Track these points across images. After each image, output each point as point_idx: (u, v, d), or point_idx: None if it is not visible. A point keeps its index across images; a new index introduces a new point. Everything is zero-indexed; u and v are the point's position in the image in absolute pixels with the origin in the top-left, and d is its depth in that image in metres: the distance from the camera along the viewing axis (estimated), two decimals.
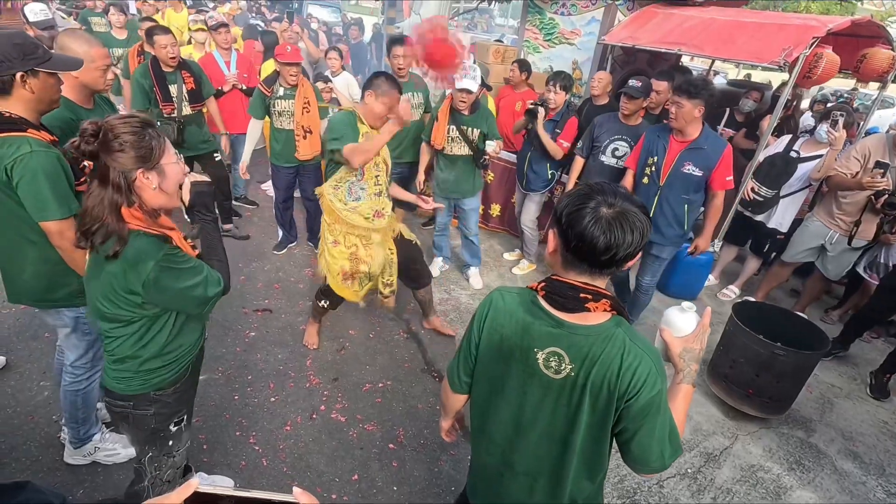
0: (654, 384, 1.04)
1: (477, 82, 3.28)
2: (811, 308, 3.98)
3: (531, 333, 1.12)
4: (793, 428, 2.88)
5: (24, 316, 2.98)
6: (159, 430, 1.56)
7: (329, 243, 2.71)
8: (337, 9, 17.77)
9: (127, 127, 1.25)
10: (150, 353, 1.44)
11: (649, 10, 4.68)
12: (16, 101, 1.61)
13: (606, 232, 0.99)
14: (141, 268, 1.28)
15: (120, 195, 1.26)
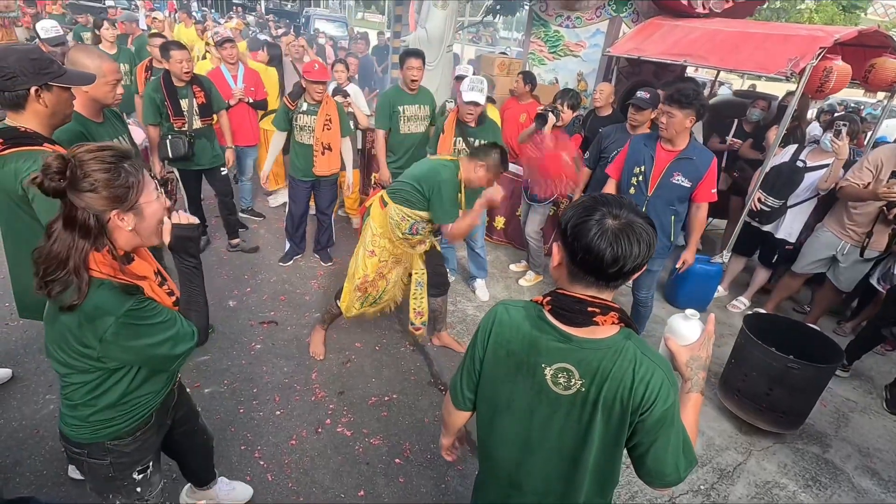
0: (667, 396, 1.02)
1: (484, 95, 3.30)
2: (823, 319, 3.91)
3: (538, 349, 1.09)
4: (808, 443, 2.82)
5: (31, 328, 2.99)
6: (120, 479, 1.42)
7: (367, 250, 2.76)
8: (343, 23, 18.05)
9: (98, 163, 1.10)
10: (104, 404, 1.29)
11: (654, 22, 4.70)
12: (30, 115, 1.63)
13: (613, 244, 0.98)
14: (98, 323, 1.13)
15: (88, 239, 1.11)
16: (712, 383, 3.14)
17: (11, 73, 1.55)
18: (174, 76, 3.59)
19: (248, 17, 18.06)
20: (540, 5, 5.45)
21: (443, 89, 5.58)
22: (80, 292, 1.10)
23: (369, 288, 2.83)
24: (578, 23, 5.19)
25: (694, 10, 4.59)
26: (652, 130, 3.23)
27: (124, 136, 2.23)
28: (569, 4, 5.16)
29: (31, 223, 1.66)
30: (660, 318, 3.92)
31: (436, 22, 5.54)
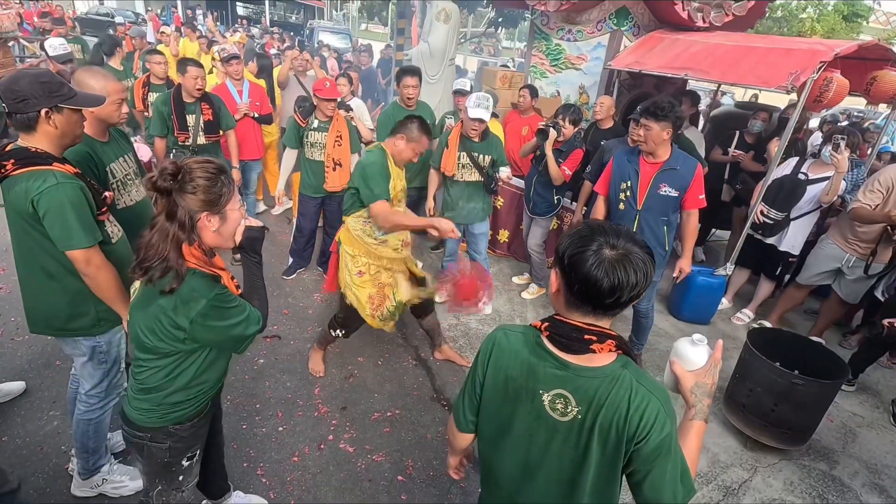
0: (662, 426, 1.02)
1: (489, 112, 3.34)
2: (829, 332, 3.89)
3: (537, 375, 1.10)
4: (814, 460, 2.79)
5: (36, 343, 3.00)
6: (172, 465, 1.56)
7: (354, 275, 2.72)
8: (347, 35, 18.25)
9: (203, 171, 1.33)
10: (176, 387, 1.46)
11: (654, 36, 4.73)
12: (41, 136, 1.67)
13: (610, 274, 0.98)
14: (192, 305, 1.32)
15: (184, 233, 1.32)
16: (717, 398, 3.12)
17: (23, 96, 1.59)
18: (185, 91, 3.65)
19: (253, 30, 18.31)
20: (541, 19, 5.50)
21: (445, 102, 5.63)
22: (178, 277, 1.30)
23: (385, 301, 2.80)
24: (580, 36, 5.23)
25: (694, 23, 4.63)
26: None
27: (129, 155, 2.26)
28: (570, 18, 5.21)
29: (41, 240, 1.69)
30: (663, 330, 3.91)
31: (438, 36, 5.60)
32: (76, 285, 1.78)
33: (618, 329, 1.54)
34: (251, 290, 1.58)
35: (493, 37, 21.81)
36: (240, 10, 29.80)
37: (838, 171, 3.36)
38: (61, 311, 1.84)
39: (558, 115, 3.69)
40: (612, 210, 3.05)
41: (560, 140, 3.67)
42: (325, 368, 3.09)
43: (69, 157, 1.83)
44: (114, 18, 16.56)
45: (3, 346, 2.97)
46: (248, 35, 14.56)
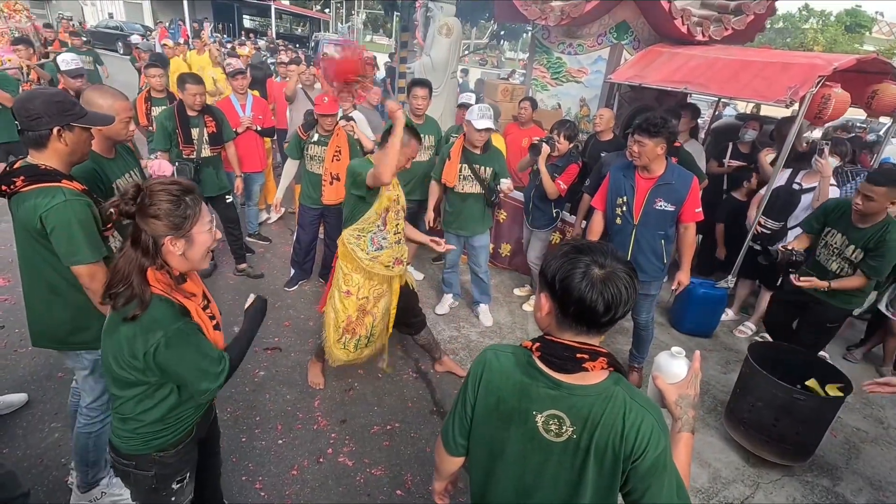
0: (658, 441, 1.02)
1: (493, 121, 3.37)
2: (831, 346, 3.86)
3: (529, 395, 1.10)
4: (817, 476, 2.76)
5: (39, 356, 3.03)
6: (160, 489, 1.53)
7: (342, 292, 2.72)
8: None
9: (166, 194, 1.28)
10: (152, 418, 1.41)
11: (654, 50, 4.77)
12: (51, 153, 1.72)
13: (605, 293, 1.00)
14: (150, 336, 1.26)
15: (147, 258, 1.28)
16: (718, 412, 3.10)
17: (36, 115, 1.65)
18: (187, 106, 3.71)
19: (260, 42, 18.55)
20: (542, 33, 5.56)
21: (447, 115, 5.67)
22: (142, 303, 1.26)
23: (357, 328, 2.77)
24: (580, 50, 5.28)
25: (694, 37, 4.67)
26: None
27: (135, 171, 2.29)
28: (571, 32, 5.27)
29: (47, 256, 1.74)
30: (665, 344, 3.90)
31: (440, 49, 5.66)
32: (79, 300, 1.81)
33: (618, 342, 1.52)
34: (236, 340, 1.54)
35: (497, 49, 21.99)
36: (246, 23, 30.26)
37: (823, 175, 3.45)
38: (64, 325, 1.87)
39: (554, 131, 3.72)
40: (609, 225, 3.06)
41: (555, 155, 3.70)
42: (325, 381, 3.09)
43: (76, 173, 1.87)
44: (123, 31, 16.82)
45: (6, 357, 2.99)
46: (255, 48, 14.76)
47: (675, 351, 1.24)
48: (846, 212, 2.84)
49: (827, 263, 2.92)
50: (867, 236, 2.71)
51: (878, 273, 2.70)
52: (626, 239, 2.92)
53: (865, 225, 2.75)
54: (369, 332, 2.82)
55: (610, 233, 3.05)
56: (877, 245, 2.68)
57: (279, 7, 27.53)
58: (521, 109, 4.66)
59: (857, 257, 2.77)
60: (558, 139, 3.65)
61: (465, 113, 4.51)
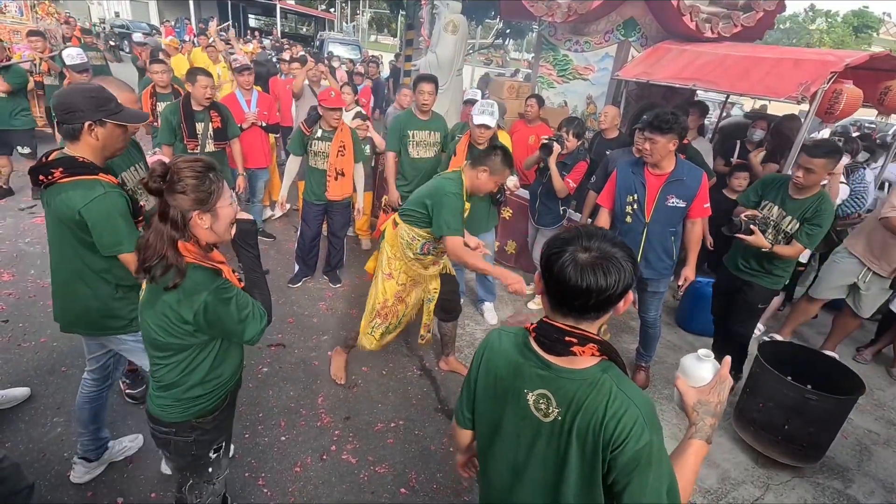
0: (640, 435, 0.97)
1: (495, 118, 3.30)
2: (841, 346, 3.81)
3: (522, 374, 1.12)
4: (828, 478, 2.71)
5: (42, 350, 3.01)
6: (199, 457, 1.61)
7: (384, 273, 2.76)
8: (357, 47, 18.47)
9: (191, 171, 1.35)
10: (193, 381, 1.50)
11: (662, 47, 4.73)
12: (84, 146, 1.75)
13: (579, 277, 0.98)
14: (196, 298, 1.36)
15: (177, 231, 1.35)
16: (727, 412, 3.06)
17: (71, 109, 1.70)
18: (194, 100, 3.71)
19: (265, 41, 18.59)
20: (549, 30, 5.52)
21: (452, 112, 5.64)
22: (179, 272, 1.33)
23: (389, 315, 2.81)
24: (587, 47, 5.24)
25: (702, 34, 4.62)
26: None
27: (140, 164, 2.28)
28: (578, 29, 5.23)
29: (77, 247, 1.78)
30: (671, 343, 3.86)
31: (446, 47, 5.63)
32: (107, 291, 1.88)
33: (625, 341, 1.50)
34: (251, 284, 1.61)
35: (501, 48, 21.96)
36: (252, 23, 30.34)
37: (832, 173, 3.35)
38: (96, 311, 1.92)
39: (562, 129, 3.69)
40: (617, 223, 3.02)
41: (564, 153, 3.66)
42: (329, 378, 3.07)
43: None
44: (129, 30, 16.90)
45: (9, 351, 2.98)
46: (260, 46, 14.80)
47: (703, 353, 1.17)
48: (783, 184, 2.89)
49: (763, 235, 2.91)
50: (804, 206, 2.76)
51: (813, 242, 2.77)
52: (637, 237, 2.88)
53: (802, 196, 2.78)
54: (398, 321, 2.87)
55: (619, 231, 3.01)
56: (814, 214, 2.73)
57: (284, 6, 27.56)
58: (528, 107, 4.63)
59: (793, 228, 2.79)
60: (567, 137, 3.62)
61: (471, 109, 4.49)
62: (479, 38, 22.27)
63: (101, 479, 2.25)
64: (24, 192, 5.29)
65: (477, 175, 2.56)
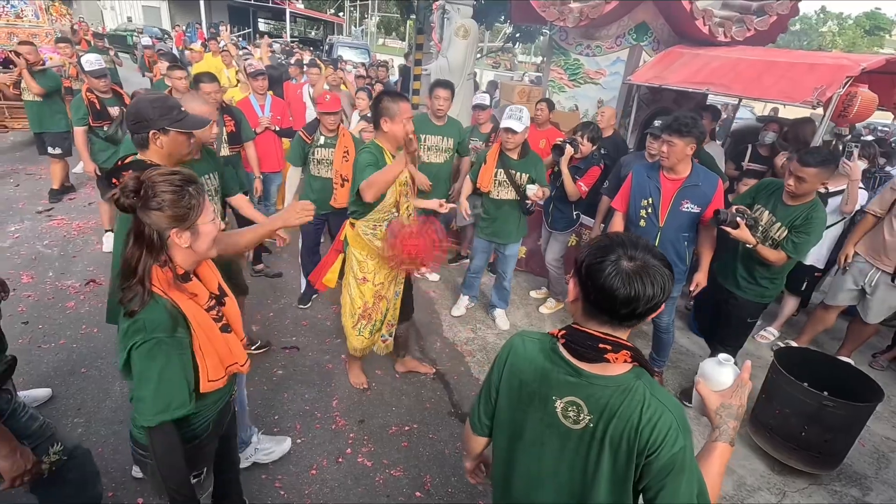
0: (675, 440, 1.00)
1: (524, 123, 3.25)
2: (857, 353, 3.77)
3: (550, 381, 1.11)
4: (846, 485, 2.69)
5: (62, 352, 3.06)
6: None
7: (357, 279, 2.74)
8: (366, 50, 18.57)
9: (167, 185, 1.23)
10: None
11: (675, 51, 4.72)
12: (153, 153, 1.87)
13: (627, 285, 0.98)
14: (135, 336, 1.23)
15: (152, 254, 1.24)
16: (743, 419, 3.04)
17: (139, 118, 1.80)
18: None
19: (275, 45, 18.74)
20: (560, 34, 5.53)
21: (463, 116, 5.67)
22: (142, 301, 1.22)
23: (373, 313, 2.82)
24: (598, 51, 5.24)
25: (715, 38, 4.61)
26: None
27: (214, 174, 2.47)
28: (589, 34, 5.23)
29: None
30: (684, 348, 3.84)
31: (457, 51, 5.66)
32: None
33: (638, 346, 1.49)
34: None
35: (510, 51, 21.99)
36: (261, 27, 30.61)
37: (851, 178, 3.38)
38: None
39: (577, 133, 3.69)
40: (631, 226, 3.01)
41: (578, 156, 3.67)
42: (344, 381, 3.09)
43: None
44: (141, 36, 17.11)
45: (30, 353, 3.03)
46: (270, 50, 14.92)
47: (723, 358, 1.19)
48: (777, 190, 2.82)
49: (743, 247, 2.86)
50: (795, 214, 2.69)
51: (799, 251, 2.67)
52: (651, 241, 2.87)
53: (794, 203, 2.72)
54: (383, 315, 2.87)
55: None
56: (804, 222, 2.65)
57: (294, 11, 27.81)
58: (538, 111, 4.63)
59: (781, 236, 2.72)
60: (581, 141, 3.62)
61: (479, 114, 4.49)
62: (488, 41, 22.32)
63: (121, 480, 2.28)
64: (41, 195, 5.39)
65: (384, 130, 2.53)
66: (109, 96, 4.34)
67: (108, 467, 2.31)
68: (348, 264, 2.78)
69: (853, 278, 3.47)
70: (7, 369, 1.56)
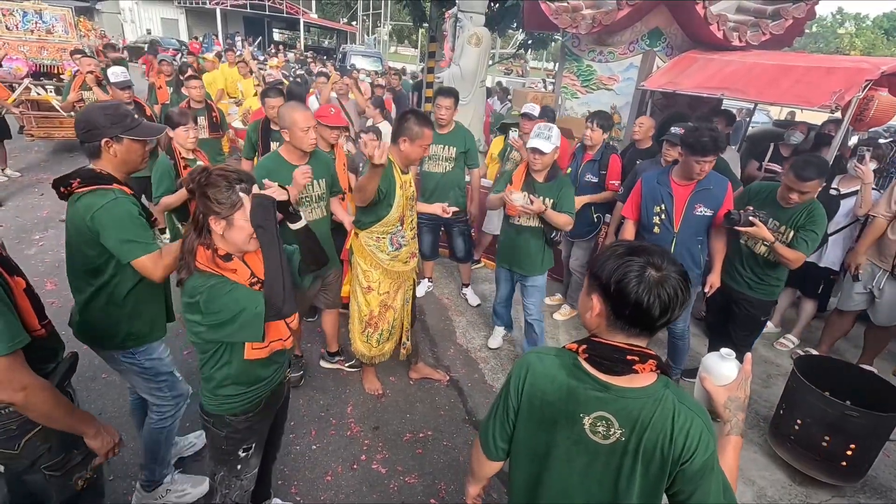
0: (707, 445, 1.03)
1: (553, 143, 2.82)
2: (879, 361, 3.69)
3: (576, 398, 1.09)
4: (870, 497, 2.62)
5: (83, 357, 3.05)
6: (230, 453, 1.69)
7: (363, 288, 2.77)
8: (378, 58, 18.76)
9: (222, 180, 1.44)
10: (221, 377, 1.57)
11: (689, 56, 4.70)
12: (105, 162, 1.80)
13: (662, 295, 1.00)
14: (195, 300, 1.43)
15: (196, 232, 1.46)
16: (761, 427, 2.99)
17: (90, 127, 1.74)
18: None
19: (289, 55, 19.05)
20: (572, 41, 5.54)
21: (476, 124, 5.69)
22: (188, 269, 1.45)
23: (379, 322, 2.83)
24: (611, 57, 5.24)
25: (730, 42, 4.58)
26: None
27: (321, 181, 2.64)
28: (601, 40, 5.23)
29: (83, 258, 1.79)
30: (701, 354, 3.78)
31: (469, 59, 5.69)
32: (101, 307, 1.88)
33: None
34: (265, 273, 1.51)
35: (522, 58, 22.04)
36: (276, 36, 31.11)
37: (864, 182, 3.35)
38: (95, 326, 1.93)
39: (587, 121, 3.64)
40: (644, 233, 2.99)
41: (590, 147, 3.64)
42: (358, 387, 3.11)
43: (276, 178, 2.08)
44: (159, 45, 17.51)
45: None
46: (284, 60, 15.18)
47: (725, 353, 1.21)
48: (770, 193, 2.82)
49: (755, 247, 2.85)
50: (794, 214, 2.70)
51: (811, 247, 2.67)
52: (666, 247, 2.85)
53: (791, 205, 2.71)
54: (391, 326, 2.88)
55: (645, 241, 2.98)
56: (806, 220, 2.66)
57: (308, 20, 28.23)
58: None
59: (788, 237, 2.71)
60: (591, 126, 3.58)
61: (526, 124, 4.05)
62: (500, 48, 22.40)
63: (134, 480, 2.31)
64: (65, 204, 5.51)
65: (400, 148, 2.54)
66: (131, 107, 4.46)
67: (129, 471, 2.35)
68: (353, 273, 2.81)
69: (862, 282, 3.43)
70: (70, 367, 1.56)
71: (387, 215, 2.58)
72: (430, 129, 2.56)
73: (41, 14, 8.57)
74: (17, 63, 7.86)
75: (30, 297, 1.42)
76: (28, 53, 8.36)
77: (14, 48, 8.07)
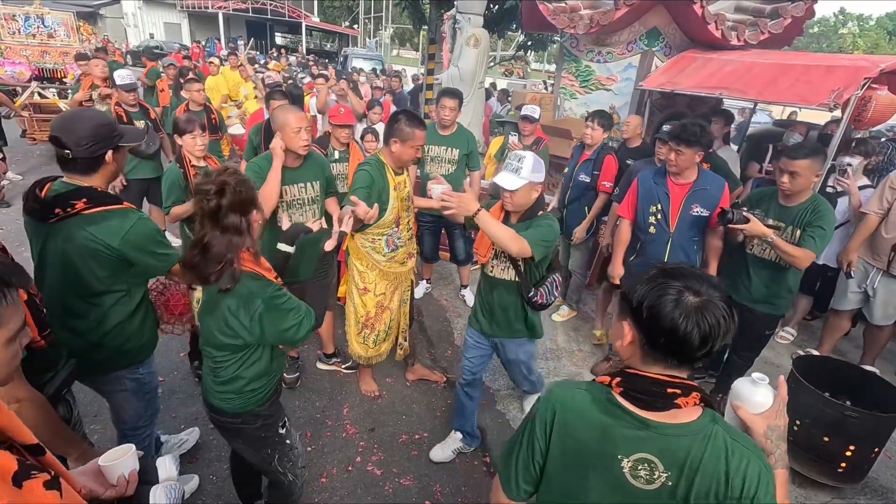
0: (767, 486, 0.91)
1: (522, 178, 2.05)
2: (881, 361, 3.66)
3: (613, 438, 0.97)
4: (871, 499, 2.59)
5: None
6: (272, 436, 1.76)
7: (359, 289, 2.76)
8: (380, 61, 18.82)
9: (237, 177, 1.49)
10: (251, 375, 1.63)
11: (687, 55, 4.68)
12: (99, 177, 1.68)
13: (701, 323, 0.90)
14: (251, 305, 1.49)
15: (240, 235, 1.46)
16: None
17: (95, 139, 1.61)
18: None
19: (291, 58, 19.12)
20: (571, 41, 5.53)
21: (475, 125, 5.68)
22: (234, 278, 1.46)
23: (376, 323, 2.83)
24: (610, 58, 5.23)
25: (728, 42, 4.56)
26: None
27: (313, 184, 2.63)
28: (600, 40, 5.22)
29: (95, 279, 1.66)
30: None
31: (468, 60, 5.68)
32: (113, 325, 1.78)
33: None
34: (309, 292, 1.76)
35: (523, 59, 22.05)
36: (278, 40, 31.25)
37: (851, 193, 3.40)
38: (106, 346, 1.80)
39: (587, 119, 3.63)
40: (640, 233, 2.98)
41: (589, 146, 3.64)
42: (354, 389, 3.10)
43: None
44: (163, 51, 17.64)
45: None
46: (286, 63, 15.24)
47: (757, 377, 1.11)
48: (771, 196, 2.73)
49: (762, 253, 2.76)
50: (799, 212, 2.59)
51: (820, 247, 2.51)
52: (662, 248, 2.84)
53: (794, 203, 2.62)
54: (387, 327, 2.87)
55: (642, 242, 2.97)
56: (813, 216, 2.53)
57: (309, 24, 28.36)
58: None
59: (795, 237, 2.60)
60: (592, 125, 3.56)
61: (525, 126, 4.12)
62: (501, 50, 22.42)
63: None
64: None
65: (391, 150, 2.53)
66: (136, 110, 4.49)
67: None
68: (350, 274, 2.81)
69: (857, 280, 3.41)
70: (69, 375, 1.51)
71: (381, 218, 2.58)
72: (422, 129, 2.53)
73: (43, 18, 8.64)
74: (21, 67, 7.94)
75: (30, 308, 1.37)
76: (30, 57, 8.44)
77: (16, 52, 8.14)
